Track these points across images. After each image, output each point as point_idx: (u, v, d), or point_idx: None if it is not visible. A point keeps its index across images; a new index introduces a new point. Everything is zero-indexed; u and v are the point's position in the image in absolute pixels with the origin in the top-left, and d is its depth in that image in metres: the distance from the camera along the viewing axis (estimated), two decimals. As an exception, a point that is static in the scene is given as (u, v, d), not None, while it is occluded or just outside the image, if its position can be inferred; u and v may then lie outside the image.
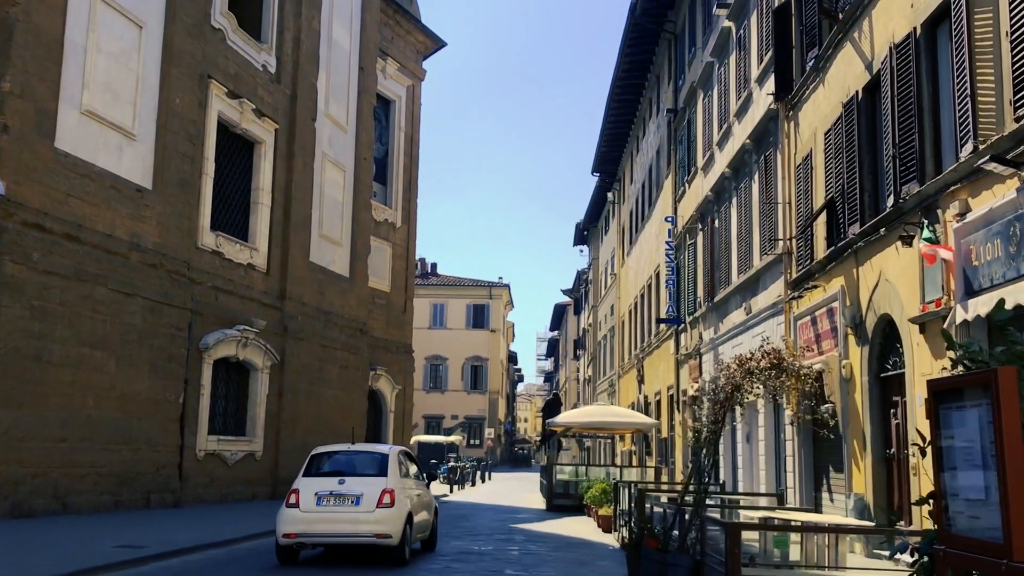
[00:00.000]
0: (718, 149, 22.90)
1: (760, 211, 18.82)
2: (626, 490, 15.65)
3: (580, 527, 20.09)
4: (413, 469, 14.54)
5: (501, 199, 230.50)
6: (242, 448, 23.57)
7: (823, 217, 14.77)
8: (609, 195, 47.31)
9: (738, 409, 12.42)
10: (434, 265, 79.31)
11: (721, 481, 17.67)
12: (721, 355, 22.31)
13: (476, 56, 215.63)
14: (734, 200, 21.24)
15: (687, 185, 26.99)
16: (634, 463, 34.67)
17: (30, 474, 16.53)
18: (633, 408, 34.26)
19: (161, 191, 20.39)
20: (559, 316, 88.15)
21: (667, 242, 26.17)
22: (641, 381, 36.10)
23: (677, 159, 28.71)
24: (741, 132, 20.45)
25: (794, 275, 16.40)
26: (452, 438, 61.39)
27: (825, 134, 14.87)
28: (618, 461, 40.31)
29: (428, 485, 15.42)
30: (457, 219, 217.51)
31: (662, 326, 30.73)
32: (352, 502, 12.49)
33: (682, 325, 27.23)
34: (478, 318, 74.87)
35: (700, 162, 25.11)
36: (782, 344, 14.66)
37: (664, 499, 14.00)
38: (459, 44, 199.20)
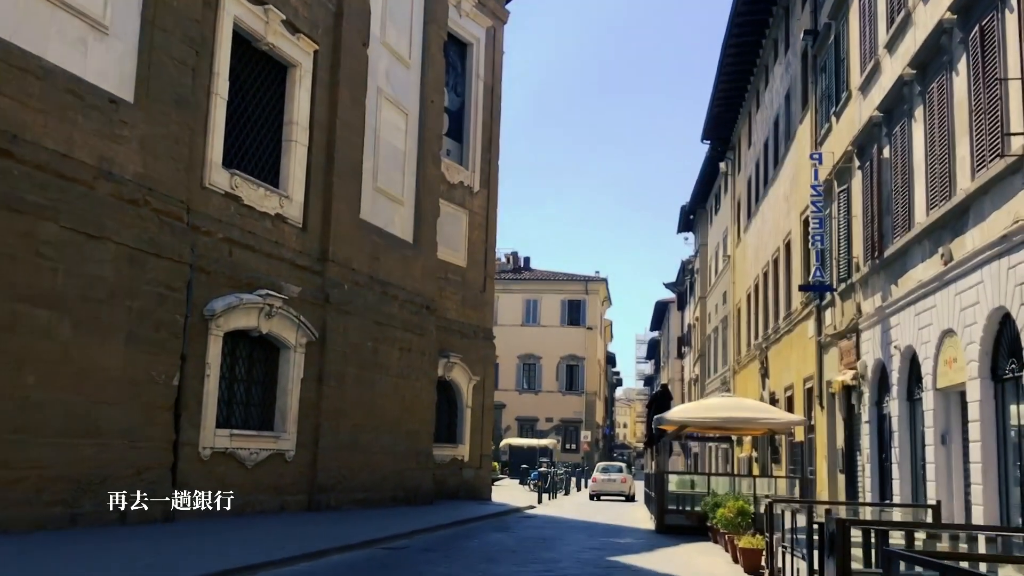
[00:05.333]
0: (887, 53, 17.10)
1: (972, 107, 12.93)
2: (792, 514, 9.94)
3: (709, 563, 14.24)
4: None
5: (596, 196, 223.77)
6: (267, 446, 18.53)
7: None
8: (721, 165, 41.31)
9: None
10: (527, 259, 74.76)
11: (935, 503, 11.78)
12: (894, 327, 16.43)
13: (562, 19, 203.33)
14: (918, 111, 15.39)
15: (834, 119, 21.12)
16: (755, 472, 28.74)
17: (-72, 476, 11.75)
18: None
19: (146, 106, 15.47)
20: (660, 315, 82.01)
21: (813, 186, 20.17)
22: (765, 375, 30.16)
23: (818, 93, 22.85)
24: (931, 12, 14.63)
25: (1053, 182, 10.58)
26: (545, 442, 56.19)
27: None
28: (733, 469, 34.63)
29: (633, 474, 41.83)
30: (551, 215, 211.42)
31: (796, 304, 24.89)
32: (614, 480, 38.69)
33: (828, 297, 21.32)
34: (573, 314, 69.64)
35: (856, 82, 19.27)
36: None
37: (859, 531, 8.35)
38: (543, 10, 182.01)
